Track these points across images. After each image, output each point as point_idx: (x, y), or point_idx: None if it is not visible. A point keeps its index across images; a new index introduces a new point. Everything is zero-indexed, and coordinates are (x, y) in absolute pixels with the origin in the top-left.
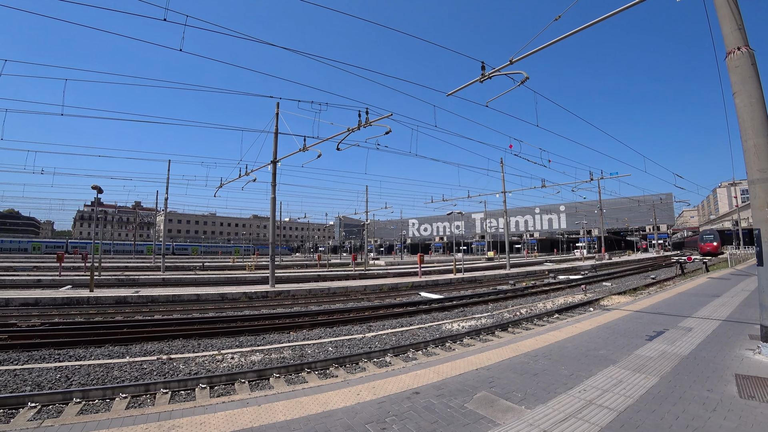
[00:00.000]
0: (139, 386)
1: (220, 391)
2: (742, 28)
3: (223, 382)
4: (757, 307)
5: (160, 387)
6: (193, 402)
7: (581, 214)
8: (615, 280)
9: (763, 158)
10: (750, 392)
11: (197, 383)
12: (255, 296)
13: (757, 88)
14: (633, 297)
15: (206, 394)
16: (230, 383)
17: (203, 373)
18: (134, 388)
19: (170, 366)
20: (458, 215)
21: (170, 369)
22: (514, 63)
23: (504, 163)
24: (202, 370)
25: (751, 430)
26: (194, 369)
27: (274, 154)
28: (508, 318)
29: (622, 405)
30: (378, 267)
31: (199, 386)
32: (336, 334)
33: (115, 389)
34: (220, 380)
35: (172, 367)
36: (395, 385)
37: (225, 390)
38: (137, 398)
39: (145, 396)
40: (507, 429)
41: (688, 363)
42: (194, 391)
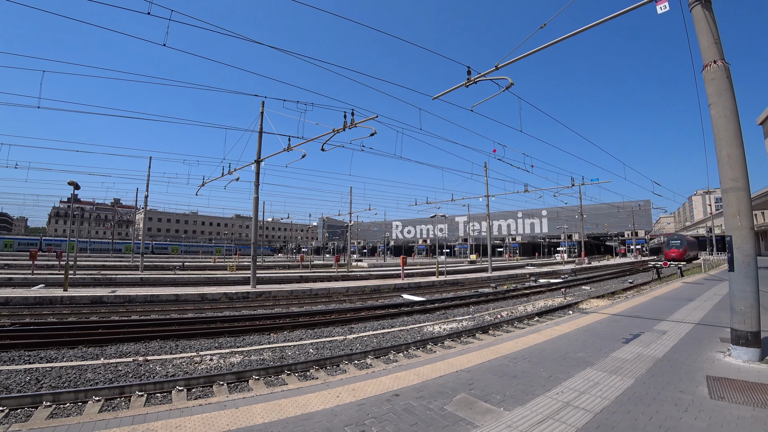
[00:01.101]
0: (114, 389)
1: (198, 393)
2: (718, 43)
3: (201, 384)
4: (728, 311)
5: (135, 389)
6: (170, 405)
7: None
8: (594, 284)
9: (735, 168)
10: (720, 393)
11: (174, 385)
12: (236, 297)
13: (732, 100)
14: (611, 300)
15: (183, 396)
16: (208, 385)
17: (180, 375)
18: (108, 391)
19: (146, 368)
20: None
21: (146, 371)
22: (499, 69)
23: (488, 167)
24: (180, 371)
25: (720, 429)
26: (171, 371)
27: (258, 153)
28: (489, 321)
29: (598, 406)
30: (361, 269)
31: (176, 388)
32: (317, 335)
33: (88, 392)
34: (197, 382)
35: (149, 369)
36: (375, 387)
37: (203, 392)
38: (111, 401)
39: (120, 399)
40: (485, 431)
41: (662, 365)
42: (171, 393)
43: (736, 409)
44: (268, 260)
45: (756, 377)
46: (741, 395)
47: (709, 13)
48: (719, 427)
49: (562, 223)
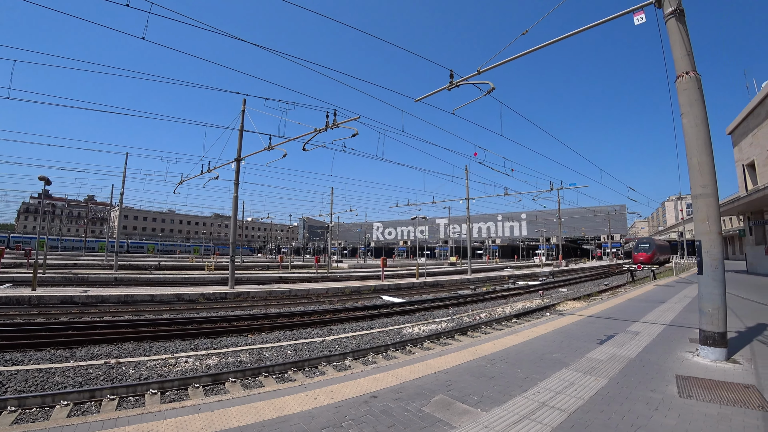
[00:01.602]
0: (83, 392)
1: (172, 396)
2: (690, 54)
3: (176, 387)
4: (697, 313)
5: (106, 393)
6: (142, 408)
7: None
8: (571, 286)
9: (705, 175)
10: (688, 392)
11: (147, 388)
12: (213, 297)
13: (702, 110)
14: (587, 302)
15: (157, 399)
16: (183, 388)
17: (155, 377)
18: (77, 395)
19: (119, 370)
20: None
21: (119, 374)
22: (481, 73)
23: (468, 170)
24: (154, 374)
25: (688, 426)
26: (145, 373)
27: (239, 151)
28: (468, 322)
29: (573, 406)
30: (341, 270)
31: (149, 391)
32: (296, 337)
33: (56, 396)
34: (172, 385)
35: (121, 372)
36: (353, 389)
37: (177, 395)
38: (80, 405)
39: (90, 403)
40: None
41: (634, 365)
42: (144, 396)
43: (704, 407)
44: (247, 260)
45: (722, 376)
46: (708, 393)
47: (683, 27)
48: (687, 425)
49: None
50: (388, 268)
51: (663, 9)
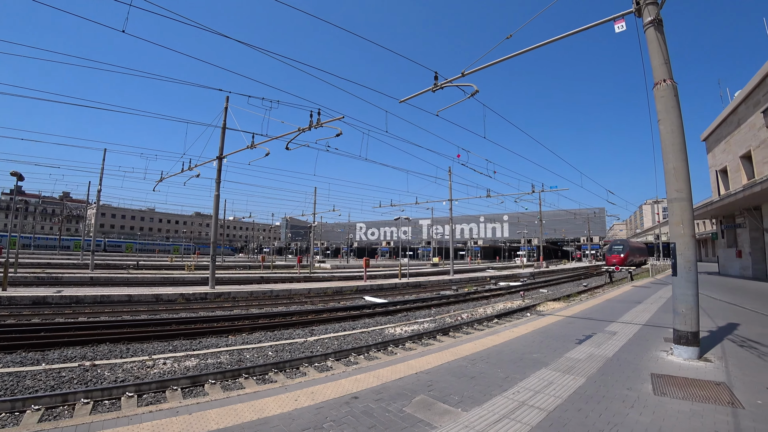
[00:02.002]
0: (56, 396)
1: (150, 399)
2: (668, 63)
3: (153, 390)
4: (671, 313)
5: (80, 397)
6: (118, 412)
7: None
8: (551, 287)
9: (680, 180)
10: (662, 389)
11: (123, 391)
12: (193, 298)
13: (678, 117)
14: (566, 303)
15: (133, 403)
16: (161, 391)
17: (131, 380)
18: (49, 399)
19: (94, 373)
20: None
21: (94, 376)
22: (465, 75)
23: (452, 171)
24: (130, 377)
25: (662, 423)
26: (121, 376)
27: (221, 149)
28: (450, 323)
29: (551, 405)
30: (324, 270)
31: (125, 395)
32: (277, 338)
33: (26, 400)
34: (149, 388)
35: (96, 375)
36: (334, 390)
37: (155, 398)
38: (52, 410)
39: (63, 407)
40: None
41: (611, 364)
42: (120, 400)
43: (677, 404)
44: (229, 260)
45: (695, 374)
46: (681, 391)
47: (661, 36)
48: (661, 421)
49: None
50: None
51: (642, 18)
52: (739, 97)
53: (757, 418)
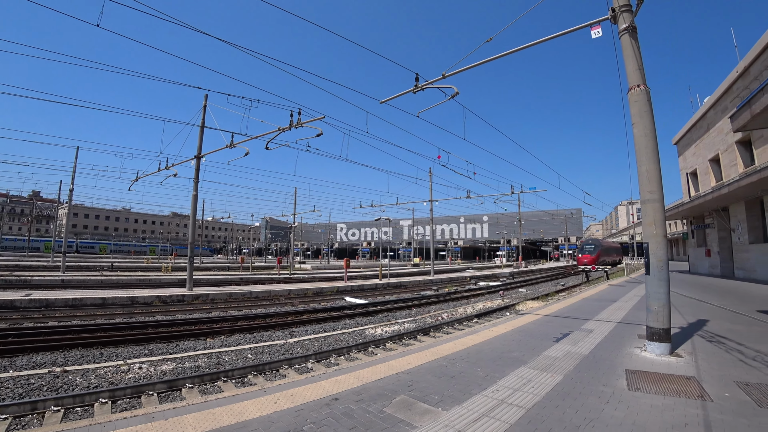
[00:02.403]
0: (24, 404)
1: (124, 405)
2: (641, 69)
3: (128, 396)
4: (645, 311)
5: (50, 404)
6: (90, 420)
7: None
8: (530, 286)
9: (653, 182)
10: (636, 385)
11: (97, 398)
12: (170, 300)
13: (651, 121)
14: (545, 302)
15: (107, 409)
16: (136, 396)
17: (105, 386)
18: (17, 407)
19: (65, 379)
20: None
21: (65, 383)
22: (446, 77)
23: (432, 172)
24: (104, 382)
25: (636, 417)
26: (94, 382)
27: (199, 148)
28: (431, 323)
29: (530, 402)
30: (304, 271)
31: (98, 401)
32: (256, 340)
33: None
34: (124, 393)
35: (68, 381)
36: (314, 392)
37: (130, 404)
38: (21, 419)
39: (32, 415)
40: (423, 431)
41: (588, 361)
42: (93, 406)
43: (650, 399)
44: (207, 261)
45: (667, 369)
46: (654, 386)
47: (635, 42)
48: (635, 416)
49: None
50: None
51: (618, 25)
52: (708, 103)
53: (725, 410)
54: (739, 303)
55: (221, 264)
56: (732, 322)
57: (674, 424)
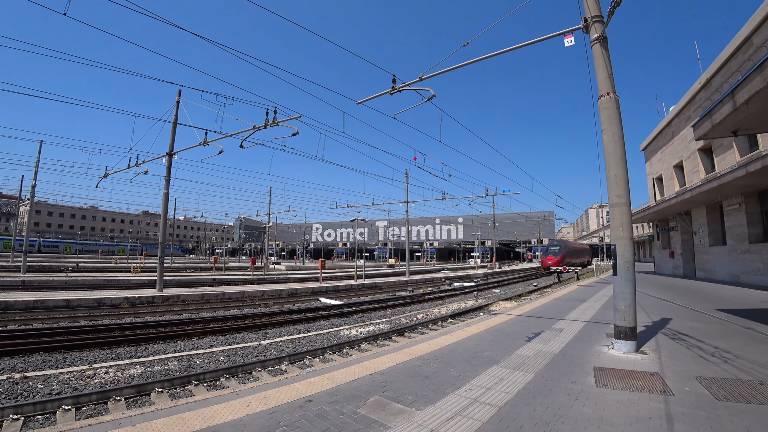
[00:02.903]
0: None
1: (89, 412)
2: (611, 77)
3: (94, 402)
4: (612, 310)
5: (8, 412)
6: (52, 428)
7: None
8: (503, 287)
9: (620, 186)
10: (604, 381)
11: (59, 404)
12: (139, 302)
13: (620, 128)
14: (518, 302)
15: (71, 416)
16: (102, 402)
17: (68, 392)
18: None
19: (25, 386)
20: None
21: (25, 389)
22: (423, 80)
23: (408, 174)
24: (67, 388)
25: (603, 413)
26: (57, 388)
27: (171, 145)
28: (405, 323)
29: (502, 401)
30: (278, 271)
31: (61, 408)
32: (229, 342)
33: None
34: (89, 399)
35: (28, 388)
36: (288, 394)
37: (95, 410)
38: None
39: None
40: (397, 431)
41: (558, 360)
42: (55, 414)
43: (616, 395)
44: (179, 262)
45: (632, 366)
46: (620, 382)
47: (606, 51)
48: (602, 411)
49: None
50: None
51: (590, 35)
52: (673, 112)
53: (685, 403)
54: (699, 302)
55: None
56: (693, 320)
57: (639, 418)
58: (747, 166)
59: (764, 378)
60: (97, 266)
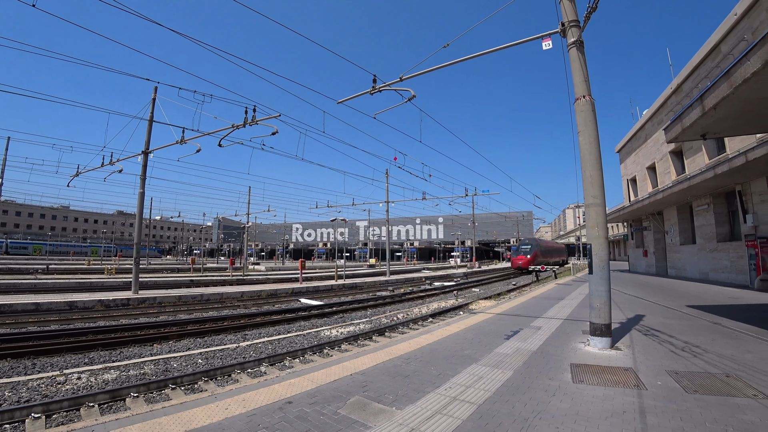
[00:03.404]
0: None
1: (61, 419)
2: (587, 81)
3: (65, 409)
4: (588, 308)
5: None
6: None
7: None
8: (483, 286)
9: (596, 187)
10: (580, 377)
11: (28, 413)
12: (114, 304)
13: (595, 130)
14: (497, 301)
15: (41, 424)
16: (75, 409)
17: (38, 399)
18: None
19: None
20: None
21: None
22: (403, 80)
23: (389, 174)
24: (37, 395)
25: (579, 408)
26: (25, 395)
27: (147, 143)
28: (386, 323)
29: (481, 398)
30: (258, 272)
31: (30, 416)
32: (207, 344)
33: None
34: (60, 406)
35: None
36: (267, 396)
37: (67, 417)
38: None
39: None
40: (378, 431)
41: (536, 357)
42: (24, 422)
43: (592, 390)
44: (155, 263)
45: (607, 362)
46: (596, 377)
47: (582, 56)
48: (579, 406)
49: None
50: (307, 271)
51: (567, 39)
52: (647, 116)
53: (657, 397)
54: (671, 299)
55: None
56: (665, 316)
57: (613, 412)
58: (715, 168)
59: (731, 371)
60: (69, 268)
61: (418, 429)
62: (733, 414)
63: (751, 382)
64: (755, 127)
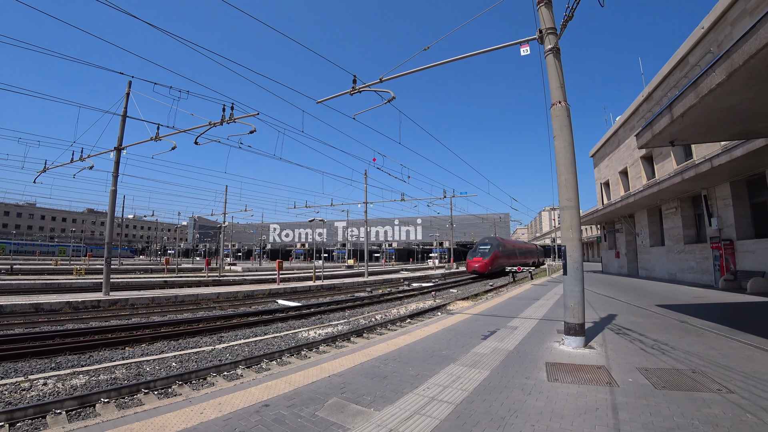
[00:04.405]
0: None
1: (25, 428)
2: (563, 87)
3: (30, 416)
4: (563, 308)
5: None
6: None
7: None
8: (461, 287)
9: (570, 190)
10: (555, 376)
11: None
12: (83, 306)
13: (570, 135)
14: (474, 302)
15: None
16: (40, 416)
17: (0, 407)
18: None
19: None
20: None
21: None
22: (383, 82)
23: (368, 175)
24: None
25: (554, 405)
26: None
27: (120, 139)
28: (364, 324)
29: (459, 398)
30: (234, 273)
31: None
32: (182, 347)
33: None
34: (25, 414)
35: None
36: (243, 399)
37: (32, 426)
38: None
39: None
40: None
41: (512, 356)
42: None
43: (566, 388)
44: (127, 263)
45: (581, 360)
46: (570, 376)
47: (558, 62)
48: (553, 404)
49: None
50: (284, 271)
51: (544, 45)
52: (619, 122)
53: (628, 393)
54: (641, 298)
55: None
56: (635, 315)
57: (587, 409)
58: (683, 174)
59: (696, 367)
60: (36, 268)
61: (397, 430)
62: (699, 408)
63: (715, 378)
64: (720, 134)
